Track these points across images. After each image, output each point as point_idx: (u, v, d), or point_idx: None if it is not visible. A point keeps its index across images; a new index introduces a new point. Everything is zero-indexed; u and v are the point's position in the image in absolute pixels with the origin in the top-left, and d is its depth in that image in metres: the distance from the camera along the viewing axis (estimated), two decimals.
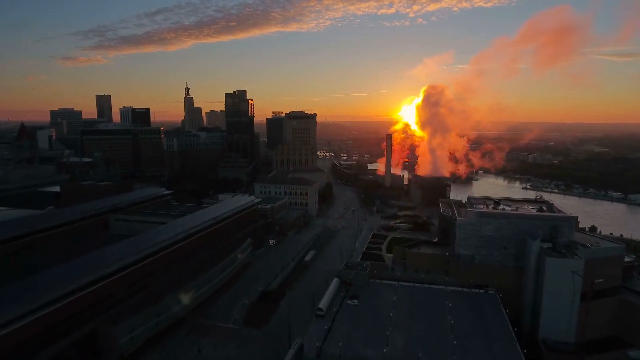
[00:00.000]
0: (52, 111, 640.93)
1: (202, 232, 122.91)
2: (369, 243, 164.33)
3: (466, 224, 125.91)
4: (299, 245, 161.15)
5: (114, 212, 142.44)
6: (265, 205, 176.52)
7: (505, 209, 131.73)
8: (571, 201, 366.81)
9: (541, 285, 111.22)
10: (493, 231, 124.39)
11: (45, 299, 74.39)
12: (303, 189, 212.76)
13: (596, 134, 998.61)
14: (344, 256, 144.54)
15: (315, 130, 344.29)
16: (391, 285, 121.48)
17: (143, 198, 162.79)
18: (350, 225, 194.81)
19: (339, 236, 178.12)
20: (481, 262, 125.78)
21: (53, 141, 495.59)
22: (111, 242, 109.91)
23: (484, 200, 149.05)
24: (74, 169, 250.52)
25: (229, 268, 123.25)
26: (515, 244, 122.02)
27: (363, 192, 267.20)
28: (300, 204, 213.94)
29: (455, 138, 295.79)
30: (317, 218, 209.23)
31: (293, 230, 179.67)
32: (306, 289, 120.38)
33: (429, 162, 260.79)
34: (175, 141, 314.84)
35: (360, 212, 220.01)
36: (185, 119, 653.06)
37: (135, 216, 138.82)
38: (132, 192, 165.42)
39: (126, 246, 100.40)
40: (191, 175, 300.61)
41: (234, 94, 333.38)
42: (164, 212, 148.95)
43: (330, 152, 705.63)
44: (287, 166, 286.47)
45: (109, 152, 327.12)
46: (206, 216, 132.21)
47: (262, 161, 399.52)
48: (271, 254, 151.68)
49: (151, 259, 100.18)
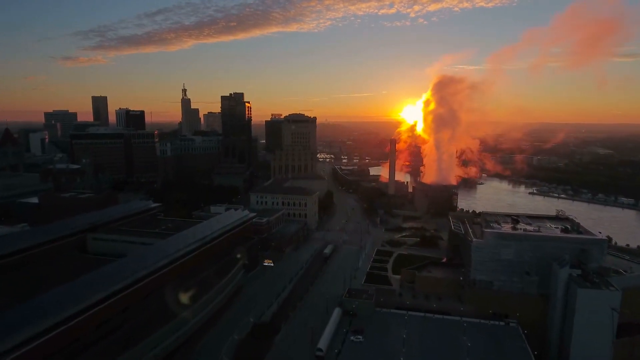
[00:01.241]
0: (46, 113, 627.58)
1: (188, 256, 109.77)
2: (373, 261, 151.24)
3: (483, 246, 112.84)
4: (296, 266, 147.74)
5: (93, 230, 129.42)
6: (260, 219, 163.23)
7: (526, 229, 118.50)
8: (579, 207, 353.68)
9: (570, 318, 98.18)
10: (514, 255, 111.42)
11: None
12: (302, 200, 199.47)
13: (598, 135, 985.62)
14: (347, 278, 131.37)
15: (315, 134, 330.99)
16: (400, 315, 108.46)
17: (128, 213, 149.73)
18: (352, 240, 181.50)
19: (341, 252, 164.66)
20: (500, 289, 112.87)
21: (46, 144, 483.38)
22: (85, 268, 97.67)
23: (500, 217, 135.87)
24: (61, 176, 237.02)
25: (218, 297, 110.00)
26: (539, 269, 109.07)
27: (365, 200, 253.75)
28: (299, 215, 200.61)
29: (466, 137, 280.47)
30: (316, 231, 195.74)
31: (291, 247, 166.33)
32: (304, 321, 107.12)
33: (435, 169, 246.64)
34: (169, 146, 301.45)
35: (363, 224, 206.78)
36: (183, 121, 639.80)
37: (116, 235, 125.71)
38: (116, 207, 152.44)
39: (95, 279, 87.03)
40: (185, 182, 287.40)
41: (231, 96, 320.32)
42: (149, 229, 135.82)
43: (330, 155, 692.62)
44: (286, 173, 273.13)
45: (99, 157, 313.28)
46: (194, 236, 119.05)
47: (260, 165, 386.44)
48: (266, 275, 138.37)
49: (125, 293, 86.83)
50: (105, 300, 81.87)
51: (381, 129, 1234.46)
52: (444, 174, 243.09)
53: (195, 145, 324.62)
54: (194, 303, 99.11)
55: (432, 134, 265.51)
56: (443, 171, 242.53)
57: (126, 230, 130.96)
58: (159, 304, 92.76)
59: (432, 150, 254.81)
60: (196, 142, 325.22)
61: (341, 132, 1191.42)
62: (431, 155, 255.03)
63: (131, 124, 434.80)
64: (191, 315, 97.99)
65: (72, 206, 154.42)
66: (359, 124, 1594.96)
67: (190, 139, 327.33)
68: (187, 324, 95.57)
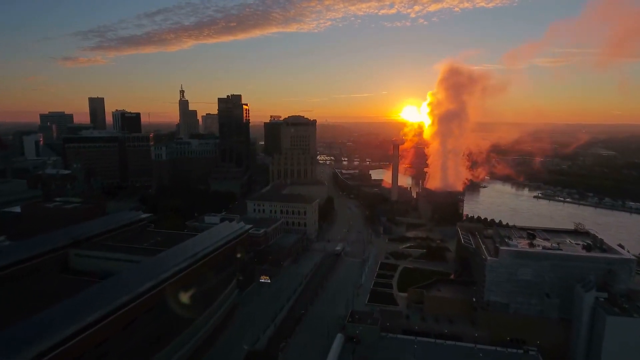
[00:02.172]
0: (41, 115, 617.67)
1: (176, 276, 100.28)
2: (377, 276, 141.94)
3: (498, 265, 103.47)
4: (295, 281, 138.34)
5: (76, 246, 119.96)
6: (257, 230, 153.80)
7: (545, 246, 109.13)
8: (585, 212, 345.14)
9: (597, 347, 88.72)
10: (532, 275, 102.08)
11: None
12: (301, 208, 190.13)
13: (600, 136, 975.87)
14: (349, 296, 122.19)
15: (314, 137, 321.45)
16: (408, 342, 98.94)
17: (115, 224, 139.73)
18: (354, 251, 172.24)
19: (343, 266, 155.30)
20: (517, 312, 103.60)
21: (40, 147, 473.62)
22: (63, 291, 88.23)
23: (515, 230, 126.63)
24: (50, 182, 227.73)
25: (210, 320, 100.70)
26: (560, 291, 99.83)
27: (367, 206, 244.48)
28: (298, 224, 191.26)
29: (474, 137, 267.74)
30: (316, 241, 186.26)
31: (289, 259, 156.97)
32: (303, 348, 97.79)
33: (440, 174, 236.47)
34: (164, 150, 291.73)
35: (365, 233, 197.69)
36: (180, 123, 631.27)
37: (100, 251, 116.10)
38: (104, 218, 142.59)
39: (69, 309, 77.48)
40: (181, 187, 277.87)
41: (228, 98, 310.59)
42: (136, 244, 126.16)
43: (330, 157, 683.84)
44: (285, 178, 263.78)
45: (93, 161, 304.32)
46: (184, 253, 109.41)
47: (259, 168, 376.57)
48: (262, 293, 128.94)
49: (102, 324, 77.31)
50: (79, 334, 72.46)
51: (381, 130, 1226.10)
52: (450, 179, 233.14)
53: (192, 149, 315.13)
54: (182, 330, 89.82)
55: (438, 135, 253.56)
56: (448, 176, 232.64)
57: (112, 246, 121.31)
58: (141, 333, 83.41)
59: (438, 154, 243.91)
60: (192, 146, 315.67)
61: (341, 132, 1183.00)
62: (436, 159, 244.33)
63: (127, 127, 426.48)
64: (179, 344, 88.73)
65: (57, 217, 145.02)
66: (359, 125, 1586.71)
67: (187, 143, 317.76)
68: (174, 355, 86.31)
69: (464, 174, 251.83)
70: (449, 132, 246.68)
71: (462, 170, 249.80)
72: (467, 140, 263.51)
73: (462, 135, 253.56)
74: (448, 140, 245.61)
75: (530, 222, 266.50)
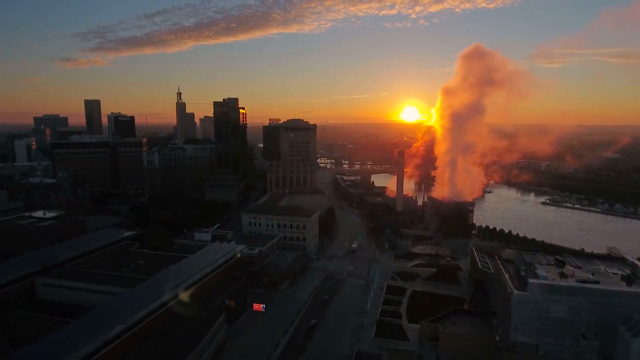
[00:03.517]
0: (35, 117, 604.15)
1: (155, 313, 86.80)
2: (384, 302, 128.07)
3: (527, 300, 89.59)
4: (292, 308, 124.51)
5: (45, 273, 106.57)
6: (251, 249, 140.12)
7: (578, 276, 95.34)
8: (594, 219, 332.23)
9: None
10: (566, 312, 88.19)
11: None
12: (300, 222, 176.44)
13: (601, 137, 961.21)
14: (353, 329, 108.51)
15: (314, 142, 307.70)
16: None
17: (94, 245, 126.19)
18: (358, 270, 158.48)
19: (345, 289, 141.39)
20: (548, 355, 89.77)
21: (33, 151, 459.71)
22: (24, 328, 75.41)
23: (540, 254, 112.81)
24: (34, 192, 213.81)
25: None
26: (600, 331, 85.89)
27: (370, 217, 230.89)
28: (297, 239, 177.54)
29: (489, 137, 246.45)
30: (317, 259, 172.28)
31: (287, 281, 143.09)
32: None
33: (448, 182, 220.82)
34: (157, 156, 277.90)
35: (370, 249, 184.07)
36: (178, 126, 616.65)
37: (71, 281, 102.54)
38: (82, 238, 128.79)
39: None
40: (174, 196, 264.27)
41: (224, 102, 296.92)
42: (114, 269, 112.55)
43: (331, 160, 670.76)
44: (283, 186, 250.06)
45: (83, 168, 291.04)
46: (165, 284, 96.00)
47: (257, 174, 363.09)
48: (256, 325, 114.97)
49: None
50: None
51: (381, 131, 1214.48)
52: (458, 187, 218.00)
53: (186, 155, 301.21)
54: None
55: (449, 136, 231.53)
56: (457, 185, 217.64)
57: (85, 274, 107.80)
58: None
59: (446, 159, 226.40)
60: (187, 152, 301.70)
61: (341, 134, 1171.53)
62: (445, 165, 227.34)
63: (120, 131, 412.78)
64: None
65: (30, 236, 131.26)
66: (359, 126, 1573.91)
67: (181, 148, 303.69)
68: None
69: (479, 182, 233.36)
70: (462, 133, 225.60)
71: (475, 177, 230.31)
72: (483, 144, 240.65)
73: (477, 137, 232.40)
74: (460, 143, 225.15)
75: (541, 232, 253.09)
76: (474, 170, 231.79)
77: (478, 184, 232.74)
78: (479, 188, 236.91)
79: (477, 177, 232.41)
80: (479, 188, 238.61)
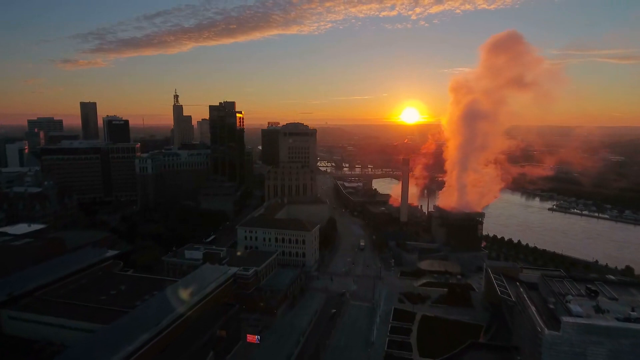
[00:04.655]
0: (29, 120, 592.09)
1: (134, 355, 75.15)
2: (391, 331, 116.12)
3: (560, 342, 77.73)
4: (290, 339, 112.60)
5: (12, 303, 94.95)
6: (245, 270, 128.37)
7: (616, 313, 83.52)
8: (601, 226, 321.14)
9: None
10: (607, 356, 76.44)
11: None
12: (299, 236, 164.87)
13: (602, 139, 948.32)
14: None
15: (315, 148, 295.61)
16: None
17: (72, 269, 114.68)
18: (362, 290, 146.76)
19: (349, 313, 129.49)
20: None
21: (25, 155, 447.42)
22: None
23: (567, 281, 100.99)
24: (17, 202, 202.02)
25: None
26: None
27: (373, 228, 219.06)
28: (296, 254, 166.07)
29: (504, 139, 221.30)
30: (317, 277, 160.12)
31: (285, 304, 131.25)
32: None
33: (456, 191, 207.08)
34: (149, 162, 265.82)
35: (374, 265, 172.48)
36: (174, 129, 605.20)
37: (40, 314, 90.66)
38: (58, 260, 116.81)
39: None
40: (168, 205, 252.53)
41: (220, 106, 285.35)
42: (90, 299, 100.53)
43: (331, 163, 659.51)
44: (281, 195, 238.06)
45: (72, 175, 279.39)
46: (147, 320, 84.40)
47: (255, 179, 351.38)
48: (250, 356, 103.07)
49: None
50: None
51: (381, 132, 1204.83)
52: (468, 196, 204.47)
53: (181, 161, 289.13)
54: None
55: (460, 137, 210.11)
56: (466, 194, 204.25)
57: (58, 305, 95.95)
58: None
59: (456, 164, 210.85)
60: (181, 158, 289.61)
61: (341, 136, 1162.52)
62: (454, 171, 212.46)
63: (114, 135, 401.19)
64: None
65: (2, 258, 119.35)
66: (359, 127, 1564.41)
67: (175, 154, 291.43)
68: None
69: (493, 188, 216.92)
70: (477, 135, 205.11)
71: (489, 183, 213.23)
72: (498, 146, 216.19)
73: (495, 140, 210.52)
74: (474, 145, 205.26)
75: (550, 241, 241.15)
76: (489, 176, 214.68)
77: (492, 190, 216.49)
78: (493, 194, 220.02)
79: (492, 182, 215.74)
80: (494, 194, 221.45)
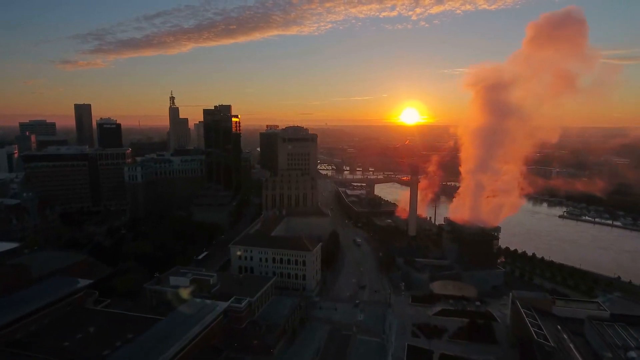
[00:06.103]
0: (21, 123, 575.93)
1: None
2: None
3: None
4: None
5: None
6: (238, 302, 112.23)
7: None
8: (613, 235, 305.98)
9: None
10: None
11: None
12: (299, 256, 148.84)
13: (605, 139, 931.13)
14: None
15: (315, 154, 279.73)
16: None
17: (35, 305, 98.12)
18: (369, 320, 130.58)
19: (356, 352, 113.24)
20: None
21: (15, 160, 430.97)
22: None
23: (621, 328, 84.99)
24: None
25: None
26: None
27: (379, 242, 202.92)
28: (295, 277, 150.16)
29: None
30: (319, 304, 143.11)
31: (283, 339, 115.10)
32: None
33: (470, 203, 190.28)
34: (139, 170, 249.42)
35: (382, 288, 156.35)
36: (170, 132, 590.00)
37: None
38: (19, 294, 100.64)
39: None
40: (159, 215, 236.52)
41: (215, 109, 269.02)
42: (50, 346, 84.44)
43: (331, 166, 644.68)
44: (280, 206, 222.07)
45: (57, 183, 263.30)
46: None
47: (253, 185, 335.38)
48: None
49: None
50: None
51: (381, 133, 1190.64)
52: (483, 208, 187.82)
53: (173, 168, 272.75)
54: None
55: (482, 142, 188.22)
56: (480, 207, 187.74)
57: (8, 356, 79.82)
58: None
59: (471, 174, 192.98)
60: (174, 164, 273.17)
61: (341, 137, 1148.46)
62: (467, 180, 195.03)
63: (105, 139, 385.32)
64: None
65: None
66: (359, 128, 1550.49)
67: (167, 160, 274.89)
68: None
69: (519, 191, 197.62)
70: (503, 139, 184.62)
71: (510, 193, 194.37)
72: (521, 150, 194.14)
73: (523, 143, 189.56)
74: (493, 151, 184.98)
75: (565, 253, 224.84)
76: (511, 185, 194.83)
77: (513, 203, 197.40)
78: (514, 205, 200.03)
79: (512, 194, 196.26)
80: (515, 206, 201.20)
